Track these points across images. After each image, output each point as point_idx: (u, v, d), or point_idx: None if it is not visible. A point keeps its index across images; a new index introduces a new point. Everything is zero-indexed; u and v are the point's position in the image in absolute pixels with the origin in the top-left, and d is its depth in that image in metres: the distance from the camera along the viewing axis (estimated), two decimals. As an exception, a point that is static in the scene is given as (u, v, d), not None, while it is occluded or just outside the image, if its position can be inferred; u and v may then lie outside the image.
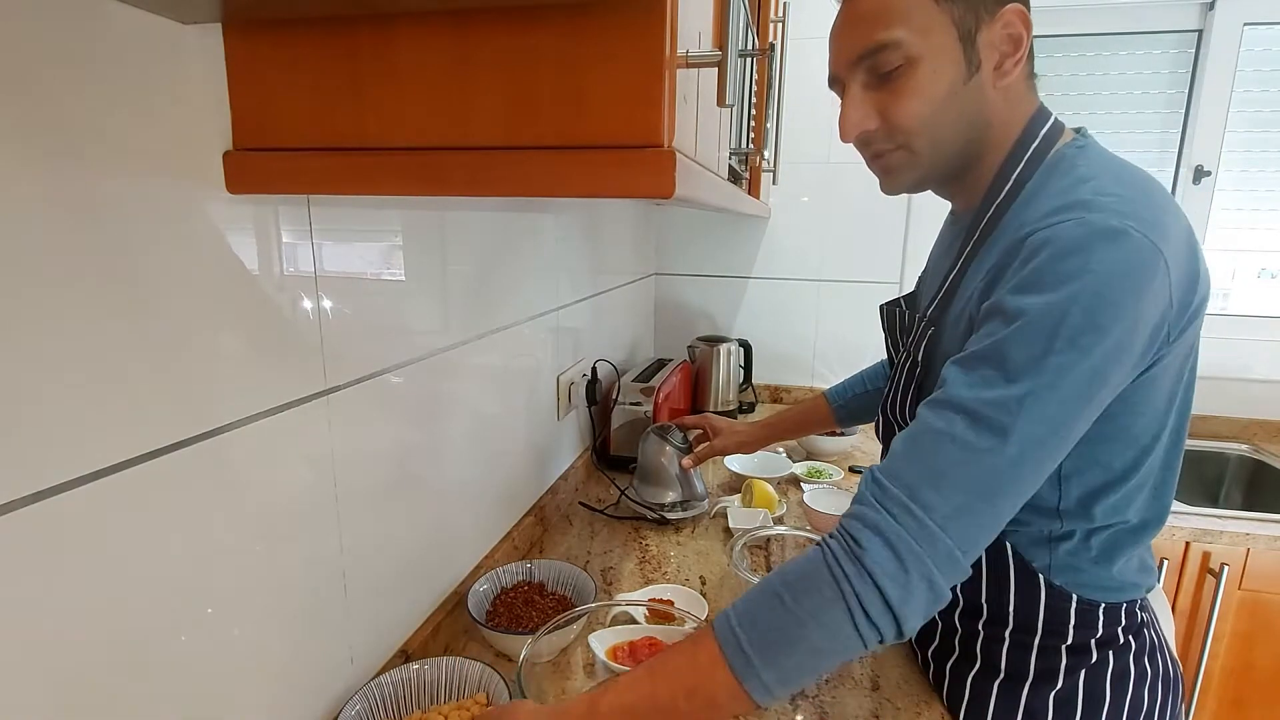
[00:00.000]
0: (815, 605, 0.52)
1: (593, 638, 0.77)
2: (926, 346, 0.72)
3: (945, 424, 0.56)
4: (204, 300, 0.51)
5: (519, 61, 0.44)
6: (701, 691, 0.52)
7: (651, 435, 1.30)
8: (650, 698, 0.53)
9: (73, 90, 0.41)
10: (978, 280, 0.65)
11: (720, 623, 0.54)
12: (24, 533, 0.40)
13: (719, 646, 0.52)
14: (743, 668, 0.51)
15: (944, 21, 0.62)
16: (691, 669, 0.53)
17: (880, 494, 0.55)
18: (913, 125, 0.65)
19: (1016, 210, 0.65)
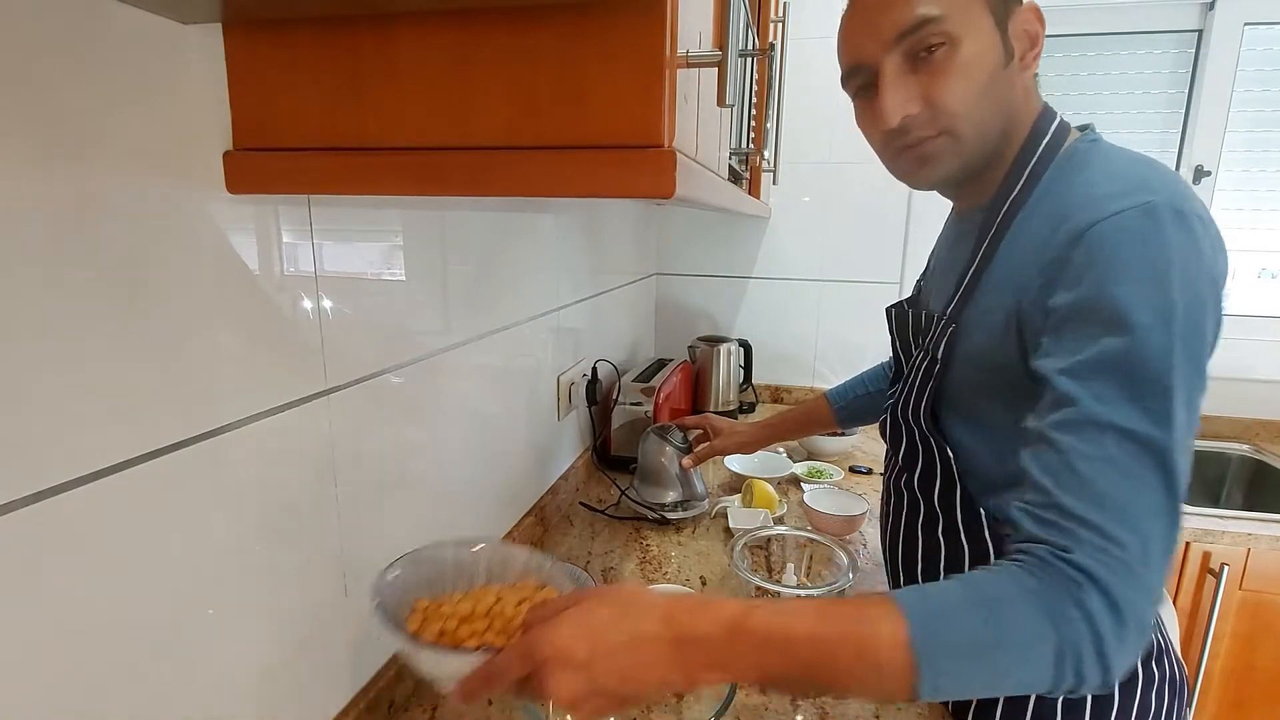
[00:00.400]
0: (1022, 635, 0.48)
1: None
2: (947, 345, 0.70)
3: (1099, 449, 0.52)
4: (204, 300, 0.51)
5: (519, 61, 0.44)
6: (870, 658, 0.48)
7: (652, 435, 1.30)
8: (812, 636, 0.49)
9: (73, 90, 0.41)
10: (1011, 275, 0.63)
11: (910, 603, 0.49)
12: (24, 533, 0.40)
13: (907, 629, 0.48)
14: (928, 662, 0.47)
15: (980, 4, 0.61)
16: (870, 635, 0.48)
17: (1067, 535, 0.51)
18: (958, 108, 0.62)
19: (1038, 204, 0.64)
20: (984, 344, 0.65)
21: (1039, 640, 0.48)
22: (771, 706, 0.78)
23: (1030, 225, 0.63)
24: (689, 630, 0.49)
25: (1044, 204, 0.63)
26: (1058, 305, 0.57)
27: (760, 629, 0.49)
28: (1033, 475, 0.55)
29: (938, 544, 0.77)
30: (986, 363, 0.66)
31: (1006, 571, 0.51)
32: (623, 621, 0.49)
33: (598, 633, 0.48)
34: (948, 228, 0.84)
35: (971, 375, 0.68)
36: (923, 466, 0.77)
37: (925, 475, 0.77)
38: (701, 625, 0.49)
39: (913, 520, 0.81)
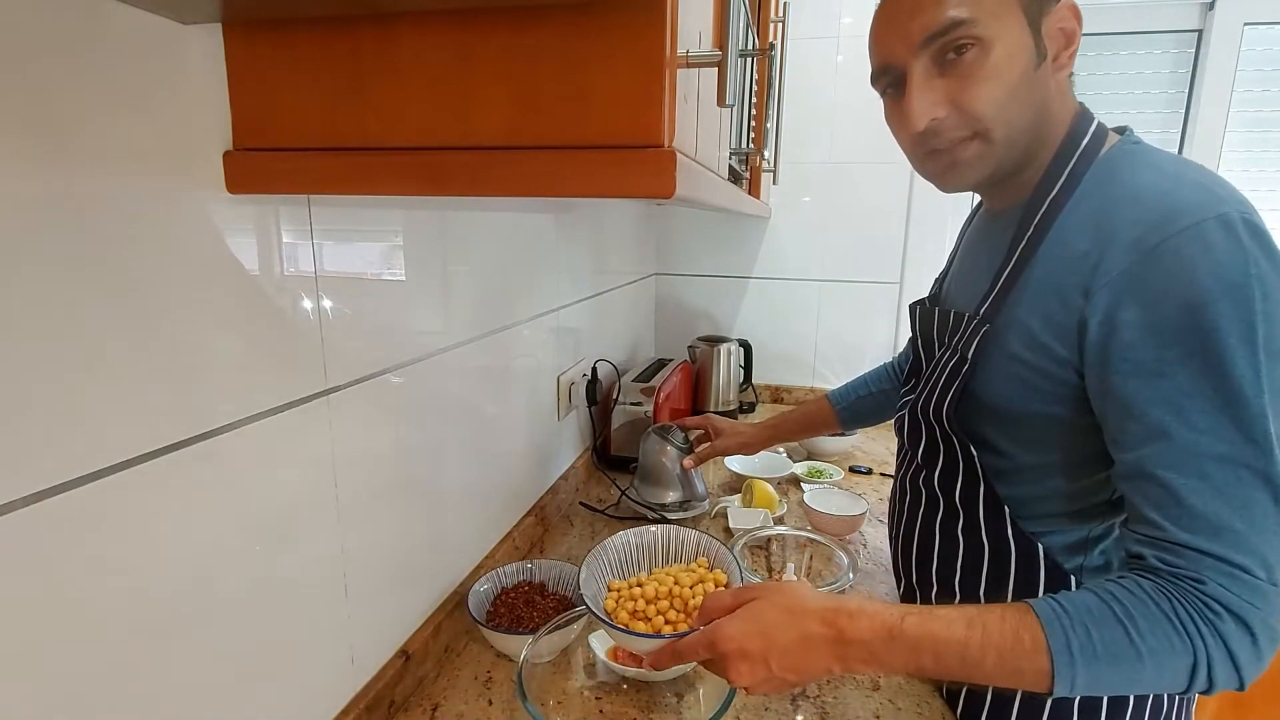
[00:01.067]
0: (1161, 649, 0.53)
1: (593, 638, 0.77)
2: (979, 345, 0.69)
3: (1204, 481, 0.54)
4: (204, 300, 0.51)
5: (520, 61, 0.44)
6: (1012, 662, 0.54)
7: (652, 435, 1.30)
8: (961, 642, 0.55)
9: (73, 90, 0.41)
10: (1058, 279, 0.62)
11: (1048, 615, 0.54)
12: (24, 533, 0.40)
13: (1046, 638, 0.54)
14: (1064, 666, 0.53)
15: (1012, 5, 0.60)
16: (1012, 641, 0.54)
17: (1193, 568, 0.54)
18: (989, 111, 0.62)
19: (1081, 207, 0.63)
20: (1024, 346, 0.65)
21: (1176, 657, 0.53)
22: (772, 707, 0.78)
23: (1075, 229, 0.62)
24: (850, 633, 0.57)
25: (1089, 207, 0.62)
26: (1132, 321, 0.56)
27: (913, 634, 0.56)
28: (1141, 510, 0.57)
29: (956, 542, 0.77)
30: (1026, 364, 0.65)
31: (1141, 589, 0.55)
32: (792, 622, 0.57)
33: (771, 631, 0.57)
34: (977, 227, 0.82)
35: (1006, 375, 0.67)
36: (944, 464, 0.77)
37: (946, 473, 0.77)
38: (861, 630, 0.57)
39: (930, 518, 0.80)
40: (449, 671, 0.84)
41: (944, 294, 0.86)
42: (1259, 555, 0.53)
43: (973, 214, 0.92)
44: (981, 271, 0.73)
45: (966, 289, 0.77)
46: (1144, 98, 1.85)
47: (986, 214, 0.80)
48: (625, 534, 0.74)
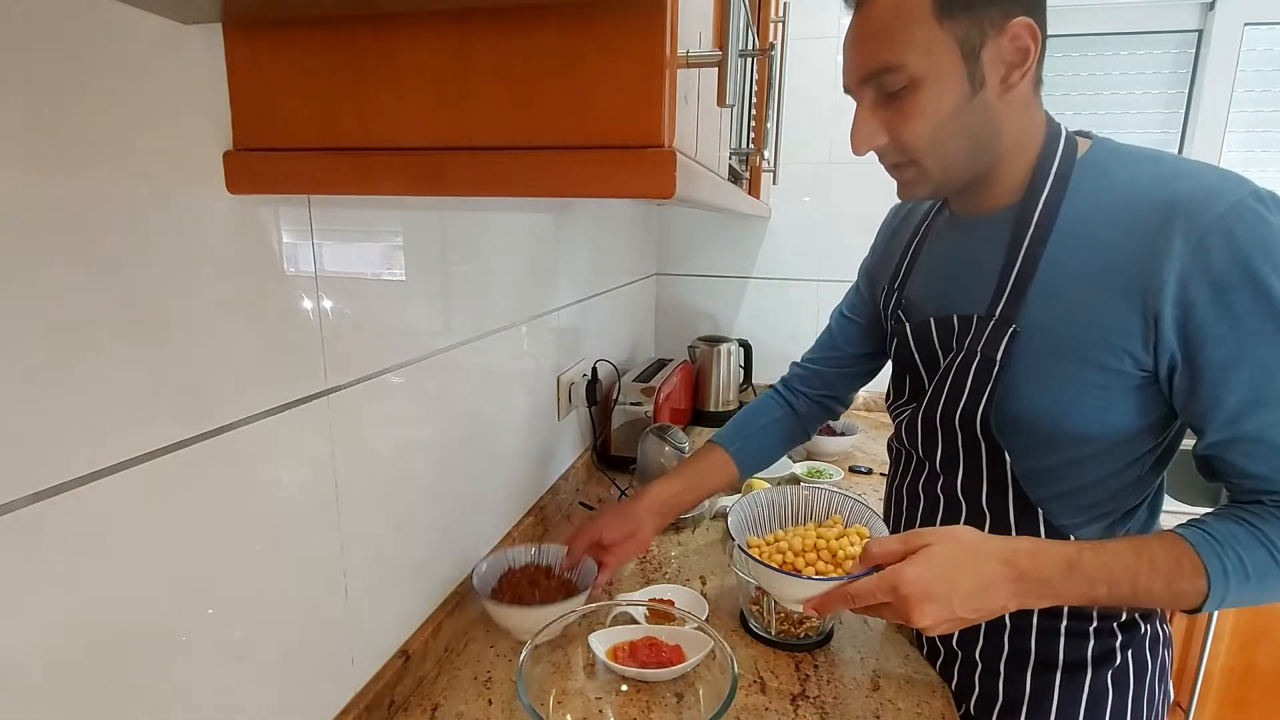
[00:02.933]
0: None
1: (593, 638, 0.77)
2: (1008, 345, 0.69)
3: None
4: (204, 300, 0.51)
5: (519, 61, 0.44)
6: (1175, 586, 0.61)
7: (651, 435, 1.30)
8: (1132, 571, 0.61)
9: (72, 90, 0.41)
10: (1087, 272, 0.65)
11: (1201, 542, 0.61)
12: (24, 532, 0.40)
13: (1203, 562, 0.60)
14: (1219, 588, 0.60)
15: (947, 41, 0.63)
16: (1175, 566, 0.61)
17: None
18: (918, 144, 0.67)
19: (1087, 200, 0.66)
20: (1063, 340, 0.66)
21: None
22: (771, 707, 0.78)
23: (1093, 226, 0.65)
24: (1030, 571, 0.61)
25: (1100, 204, 0.65)
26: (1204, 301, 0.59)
27: (1090, 565, 0.61)
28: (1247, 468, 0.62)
29: None
30: (1065, 357, 0.66)
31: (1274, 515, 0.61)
32: (974, 565, 0.61)
33: (954, 575, 0.60)
34: (942, 233, 0.82)
35: (1041, 371, 0.68)
36: (965, 469, 0.77)
37: (969, 477, 0.77)
38: (1042, 567, 0.61)
39: (948, 523, 0.80)
40: (449, 671, 0.84)
41: (914, 301, 0.84)
42: None
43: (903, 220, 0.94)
44: (973, 274, 0.74)
45: (957, 293, 0.77)
46: (1144, 98, 1.85)
47: (952, 219, 0.80)
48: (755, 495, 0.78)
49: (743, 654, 0.88)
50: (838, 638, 0.91)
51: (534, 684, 0.69)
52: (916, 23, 0.63)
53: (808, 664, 0.86)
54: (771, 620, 0.90)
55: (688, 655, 0.77)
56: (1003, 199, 0.72)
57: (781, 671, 0.85)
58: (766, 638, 0.90)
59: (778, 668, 0.85)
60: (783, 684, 0.82)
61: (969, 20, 0.62)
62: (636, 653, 0.77)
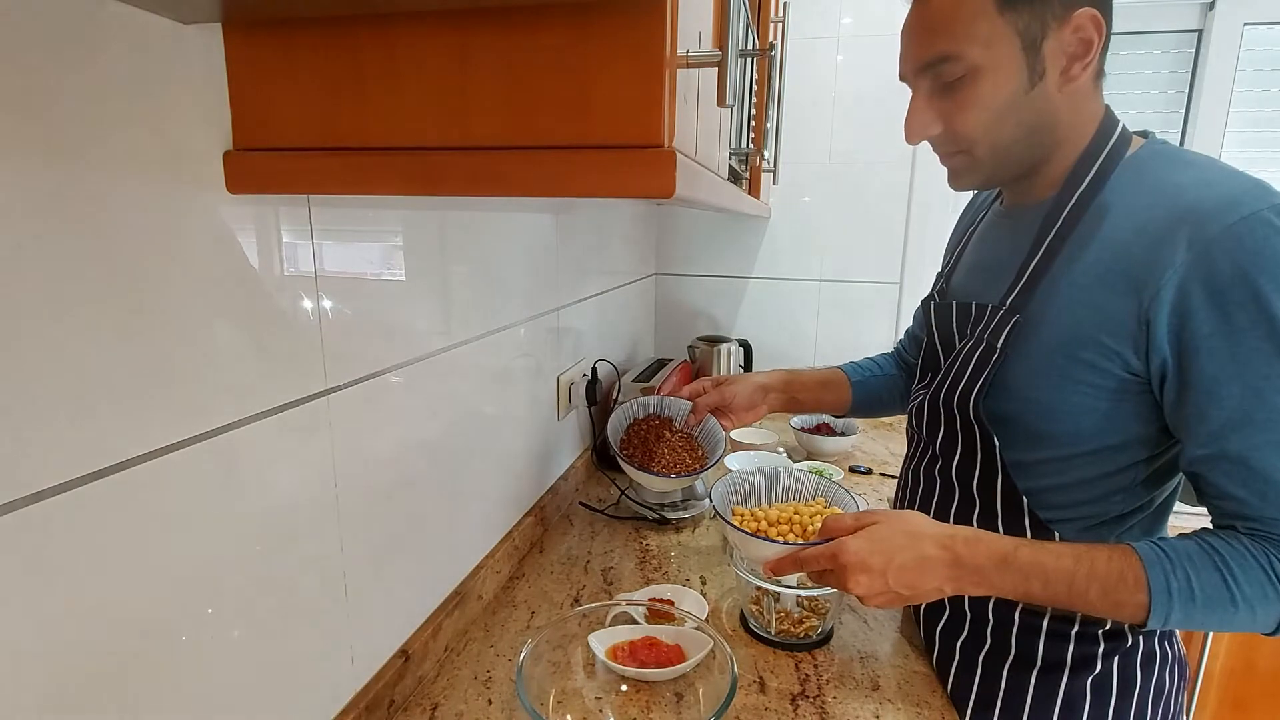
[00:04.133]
0: (1255, 598, 0.59)
1: (593, 638, 0.77)
2: (1010, 335, 0.70)
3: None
4: (204, 300, 0.51)
5: (519, 61, 0.44)
6: (1113, 596, 0.61)
7: (652, 435, 1.30)
8: (1068, 574, 0.62)
9: (72, 90, 0.41)
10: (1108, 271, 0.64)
11: (1151, 557, 0.61)
12: (24, 532, 0.40)
13: (1147, 577, 0.60)
14: (1161, 605, 0.59)
15: (1008, 32, 0.63)
16: (1115, 576, 0.61)
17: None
18: (973, 134, 0.67)
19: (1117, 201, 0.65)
20: (1065, 337, 0.66)
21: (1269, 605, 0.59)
22: (771, 707, 0.78)
23: (1114, 225, 0.64)
24: (965, 558, 0.64)
25: (1127, 204, 0.64)
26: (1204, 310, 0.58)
27: (1025, 562, 0.62)
28: (1225, 488, 0.61)
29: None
30: (1068, 357, 0.66)
31: (1240, 543, 0.60)
32: (912, 543, 0.65)
33: (891, 550, 0.64)
34: (991, 222, 0.84)
35: (1040, 365, 0.69)
36: (962, 454, 0.78)
37: (965, 462, 0.78)
38: (978, 555, 0.64)
39: (944, 508, 0.82)
40: (449, 671, 0.84)
41: (953, 288, 0.86)
42: None
43: (972, 210, 0.93)
44: (1002, 265, 0.75)
45: (986, 282, 0.78)
46: (1144, 98, 1.85)
47: (1003, 209, 0.81)
48: (751, 470, 0.87)
49: (743, 654, 0.88)
50: (838, 637, 0.91)
51: (534, 684, 0.69)
52: (979, 13, 0.63)
53: (808, 664, 0.86)
54: (771, 620, 0.90)
55: (688, 655, 0.77)
56: (1046, 191, 0.72)
57: (781, 671, 0.85)
58: (766, 638, 0.90)
59: (778, 668, 0.85)
60: (783, 684, 0.82)
61: (1031, 12, 0.62)
62: (636, 653, 0.77)
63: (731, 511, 0.82)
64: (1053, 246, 0.68)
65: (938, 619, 0.85)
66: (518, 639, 0.91)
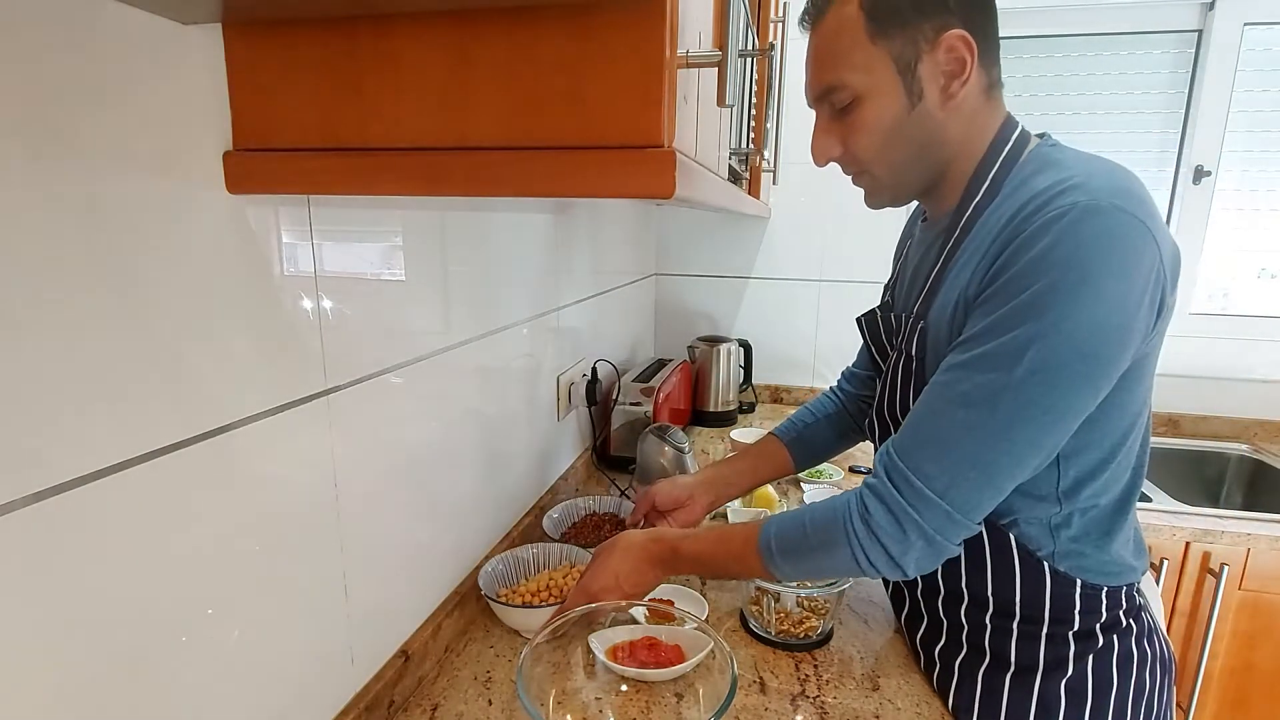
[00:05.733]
0: (827, 543, 0.69)
1: (593, 638, 0.77)
2: (919, 341, 0.73)
3: (933, 405, 0.66)
4: (204, 300, 0.51)
5: (519, 61, 0.44)
6: (742, 563, 0.76)
7: (651, 435, 1.30)
8: (712, 555, 0.78)
9: (72, 90, 0.41)
10: (966, 273, 0.67)
11: (764, 527, 0.75)
12: (24, 533, 0.40)
13: (757, 543, 0.74)
14: (768, 560, 0.73)
15: (882, 58, 0.67)
16: (741, 547, 0.76)
17: (894, 470, 0.66)
18: (867, 155, 0.72)
19: (996, 206, 0.68)
20: (944, 337, 0.70)
21: (838, 546, 0.68)
22: (771, 707, 0.79)
23: (986, 228, 0.67)
24: (657, 555, 0.80)
25: (1003, 205, 0.67)
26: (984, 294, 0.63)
27: (688, 553, 0.79)
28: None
29: None
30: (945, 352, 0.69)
31: (840, 498, 0.71)
32: (625, 556, 0.80)
33: (614, 566, 0.79)
34: (919, 236, 0.87)
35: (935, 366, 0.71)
36: None
37: None
38: (664, 552, 0.79)
39: None
40: (449, 671, 0.84)
41: (894, 302, 0.90)
42: (944, 471, 0.63)
43: (909, 224, 0.98)
44: (918, 276, 0.79)
45: (909, 294, 0.82)
46: (1144, 98, 1.85)
47: (924, 223, 0.85)
48: (515, 552, 1.00)
49: (743, 654, 0.88)
50: (838, 638, 0.91)
51: (534, 684, 0.69)
52: (854, 44, 0.67)
53: (808, 664, 0.86)
54: (771, 620, 0.90)
55: (687, 655, 0.77)
56: (951, 203, 0.75)
57: (781, 671, 0.85)
58: (766, 638, 0.90)
59: (777, 668, 0.85)
60: (782, 684, 0.82)
61: (902, 38, 0.66)
62: (636, 653, 0.77)
63: (497, 593, 0.93)
64: (950, 254, 0.72)
65: (917, 627, 0.85)
66: (518, 639, 0.91)
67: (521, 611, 0.88)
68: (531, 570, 1.00)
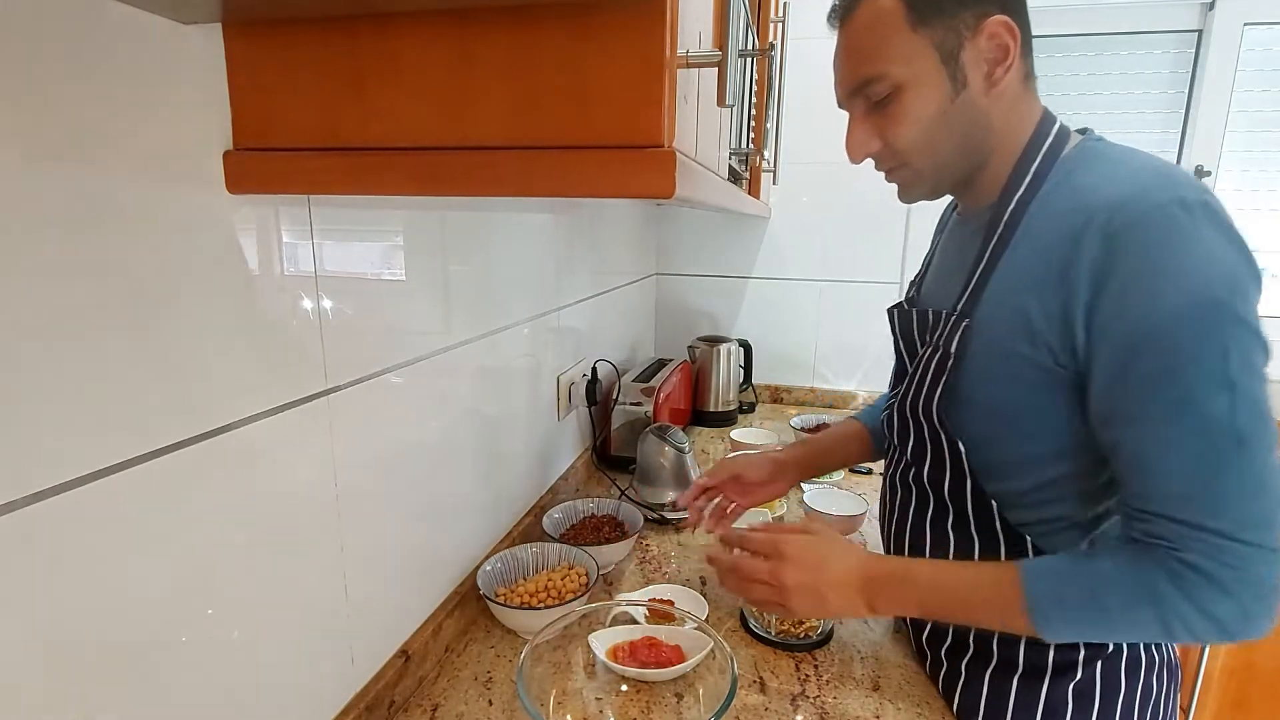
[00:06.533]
0: (1127, 604, 0.61)
1: (593, 638, 0.77)
2: (961, 340, 0.71)
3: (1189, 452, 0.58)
4: (204, 300, 0.51)
5: (519, 61, 0.44)
6: (998, 611, 0.66)
7: (651, 435, 1.30)
8: (954, 590, 0.68)
9: (72, 90, 0.41)
10: (1024, 274, 0.66)
11: (1030, 579, 0.64)
12: (24, 533, 0.40)
13: (1025, 605, 0.63)
14: (1042, 624, 0.63)
15: (924, 47, 0.65)
16: (998, 597, 0.65)
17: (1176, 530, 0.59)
18: (907, 147, 0.70)
19: (1047, 203, 0.66)
20: (1004, 336, 0.67)
21: (1141, 611, 0.60)
22: (771, 707, 0.78)
23: (1043, 224, 0.65)
24: (875, 573, 0.72)
25: (1056, 202, 0.65)
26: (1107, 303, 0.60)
27: (926, 582, 0.69)
28: (1128, 484, 0.62)
29: (947, 538, 0.78)
30: (1006, 355, 0.67)
31: (1118, 554, 0.63)
32: (841, 558, 0.74)
33: (824, 556, 0.74)
34: (951, 229, 0.85)
35: (988, 367, 0.70)
36: (932, 460, 0.78)
37: (935, 468, 0.78)
38: (883, 569, 0.72)
39: (921, 515, 0.81)
40: (449, 672, 0.84)
41: (921, 295, 0.88)
42: (1233, 518, 0.57)
43: (944, 217, 0.95)
44: (956, 270, 0.76)
45: (943, 288, 0.80)
46: (1144, 98, 1.85)
47: (959, 216, 0.83)
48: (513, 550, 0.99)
49: (743, 654, 0.88)
50: (838, 638, 0.91)
51: (534, 684, 0.69)
52: (893, 33, 0.66)
53: (808, 664, 0.86)
54: (771, 620, 0.90)
55: (688, 655, 0.77)
56: (990, 196, 0.73)
57: (781, 671, 0.85)
58: (766, 638, 0.90)
59: (778, 668, 0.85)
60: (783, 684, 0.82)
61: (943, 25, 0.65)
62: (636, 653, 0.77)
63: (496, 592, 0.92)
64: (996, 250, 0.70)
65: (924, 626, 0.85)
66: (518, 639, 0.91)
67: (519, 612, 0.87)
68: (530, 570, 0.99)
